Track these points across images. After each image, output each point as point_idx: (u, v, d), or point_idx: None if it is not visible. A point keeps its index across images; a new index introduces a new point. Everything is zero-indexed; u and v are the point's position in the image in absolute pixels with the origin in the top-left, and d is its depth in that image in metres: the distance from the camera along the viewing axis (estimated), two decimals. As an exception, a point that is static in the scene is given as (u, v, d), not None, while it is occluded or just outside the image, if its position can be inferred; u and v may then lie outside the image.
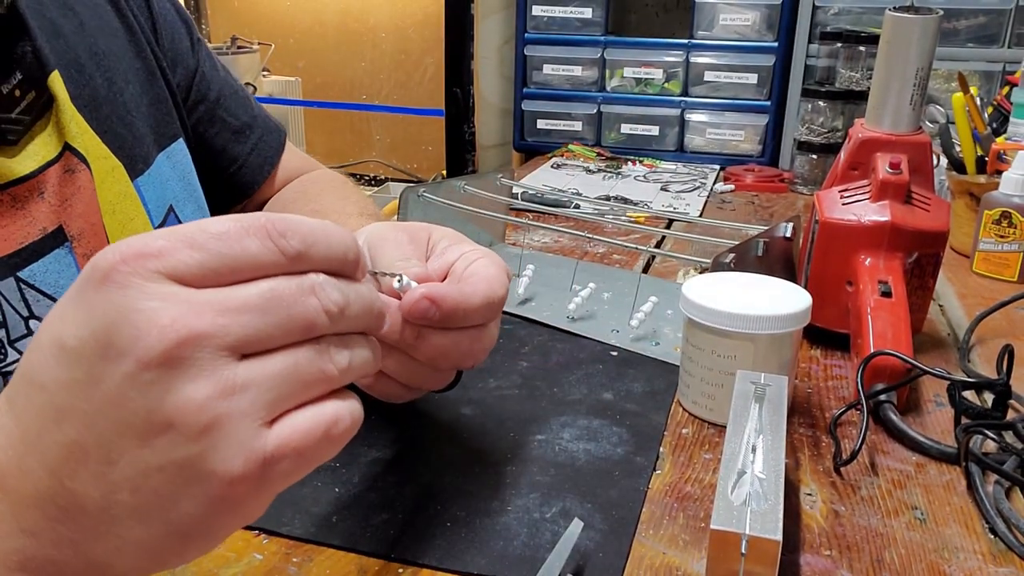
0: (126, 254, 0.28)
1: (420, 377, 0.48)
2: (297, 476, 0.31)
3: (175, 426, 0.27)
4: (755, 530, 0.38)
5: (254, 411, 0.29)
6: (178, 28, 0.71)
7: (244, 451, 0.28)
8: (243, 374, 0.28)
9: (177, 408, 0.27)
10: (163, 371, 0.27)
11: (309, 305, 0.30)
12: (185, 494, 0.28)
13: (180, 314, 0.28)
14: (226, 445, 0.28)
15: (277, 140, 0.80)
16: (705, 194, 1.33)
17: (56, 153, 0.55)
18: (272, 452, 0.29)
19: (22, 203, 0.53)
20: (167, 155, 0.66)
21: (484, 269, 0.47)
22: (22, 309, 0.53)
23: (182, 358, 0.27)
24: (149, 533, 0.29)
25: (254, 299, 0.29)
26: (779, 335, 0.57)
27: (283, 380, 0.29)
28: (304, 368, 0.30)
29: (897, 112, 0.70)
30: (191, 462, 0.28)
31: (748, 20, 1.62)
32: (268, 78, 2.99)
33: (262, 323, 0.29)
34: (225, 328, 0.28)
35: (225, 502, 0.29)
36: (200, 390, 0.27)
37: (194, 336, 0.27)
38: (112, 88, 0.61)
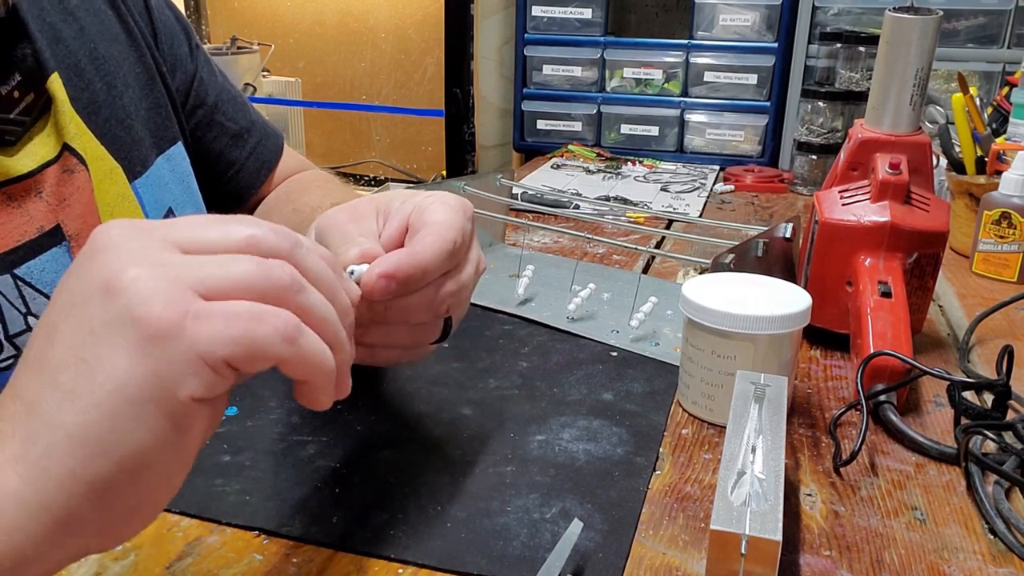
0: (122, 220, 0.33)
1: (407, 337, 0.47)
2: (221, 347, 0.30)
3: (109, 289, 0.30)
4: (755, 530, 0.38)
5: (184, 277, 0.30)
6: (177, 34, 0.72)
7: (166, 299, 0.30)
8: (179, 257, 0.31)
9: (111, 271, 0.30)
10: (100, 249, 0.31)
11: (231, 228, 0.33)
12: (109, 350, 0.29)
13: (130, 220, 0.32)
14: (149, 294, 0.30)
15: (275, 144, 0.80)
16: (705, 194, 1.33)
17: (55, 153, 0.55)
18: (197, 309, 0.30)
19: (19, 202, 0.53)
20: (166, 158, 0.67)
21: (434, 216, 0.45)
22: (20, 306, 0.53)
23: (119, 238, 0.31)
24: (77, 412, 0.29)
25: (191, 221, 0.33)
26: (779, 335, 0.57)
27: (220, 265, 0.31)
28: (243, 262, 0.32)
29: (897, 112, 0.70)
30: (118, 315, 0.29)
31: (748, 20, 1.62)
32: (268, 78, 2.99)
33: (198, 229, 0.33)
34: (164, 227, 0.32)
35: (143, 351, 0.29)
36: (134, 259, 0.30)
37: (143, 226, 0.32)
38: (111, 92, 0.62)
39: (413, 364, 0.50)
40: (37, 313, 0.54)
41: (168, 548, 0.45)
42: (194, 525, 0.47)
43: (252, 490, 0.49)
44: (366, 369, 0.62)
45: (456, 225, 0.45)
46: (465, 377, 0.65)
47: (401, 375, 0.65)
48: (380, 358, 0.47)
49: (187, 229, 0.32)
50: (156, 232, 0.32)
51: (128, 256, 0.30)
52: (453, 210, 0.46)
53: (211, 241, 0.32)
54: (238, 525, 0.47)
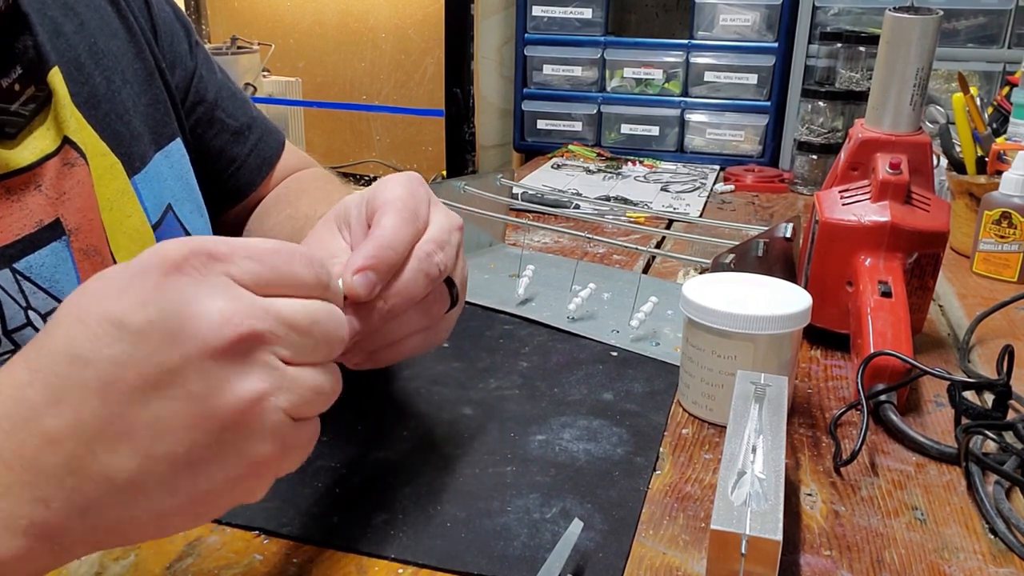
0: (196, 250, 0.32)
1: (421, 318, 0.46)
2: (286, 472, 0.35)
3: (234, 412, 0.31)
4: (755, 530, 0.38)
5: (290, 409, 0.33)
6: (177, 31, 0.72)
7: (277, 437, 0.33)
8: (289, 376, 0.33)
9: (236, 395, 0.31)
10: (225, 361, 0.31)
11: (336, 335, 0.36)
12: (220, 468, 0.32)
13: (247, 315, 0.32)
14: (263, 430, 0.32)
15: (276, 141, 0.80)
16: (705, 194, 1.33)
17: (55, 147, 0.55)
18: (290, 442, 0.34)
19: (18, 195, 0.53)
20: (165, 154, 0.66)
21: (382, 196, 0.44)
22: (20, 300, 0.53)
23: (243, 354, 0.31)
24: (171, 504, 0.31)
25: (301, 317, 0.34)
26: (779, 335, 0.57)
27: (314, 389, 0.34)
28: (327, 384, 0.35)
29: (897, 112, 0.70)
30: (235, 443, 0.31)
31: (748, 20, 1.62)
32: (268, 78, 2.99)
33: (304, 341, 0.34)
34: (279, 338, 0.33)
35: (248, 478, 0.33)
36: (256, 383, 0.32)
37: (256, 335, 0.32)
38: (111, 87, 0.62)
39: (439, 345, 0.49)
40: (36, 307, 0.54)
41: (168, 548, 0.45)
42: (194, 525, 0.46)
43: (252, 490, 0.49)
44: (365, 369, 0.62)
45: (405, 194, 0.45)
46: (465, 377, 0.65)
47: (401, 375, 0.65)
48: (407, 350, 0.47)
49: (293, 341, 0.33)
50: (270, 343, 0.32)
51: (255, 379, 0.32)
52: (399, 183, 0.45)
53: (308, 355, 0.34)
54: (238, 525, 0.47)
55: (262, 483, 0.34)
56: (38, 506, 0.30)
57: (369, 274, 0.41)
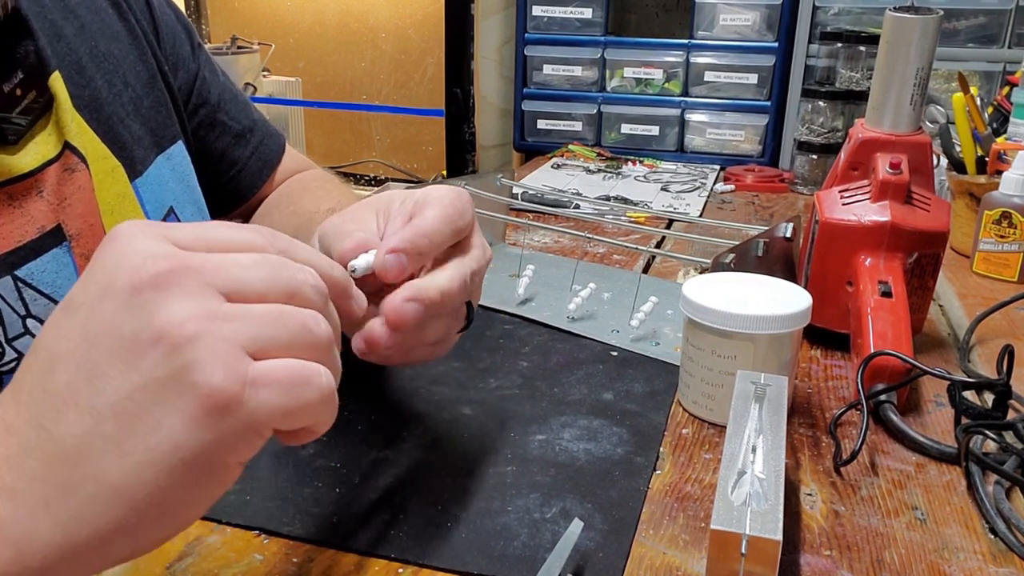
0: (134, 223, 0.32)
1: (442, 328, 0.47)
2: (275, 418, 0.31)
3: (161, 341, 0.29)
4: (755, 530, 0.38)
5: (237, 338, 0.30)
6: (179, 33, 0.72)
7: (225, 367, 0.29)
8: (228, 307, 0.30)
9: (165, 322, 0.29)
10: (153, 292, 0.29)
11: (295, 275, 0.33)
12: (165, 411, 0.29)
13: (174, 252, 0.30)
14: (209, 359, 0.29)
15: (277, 144, 0.80)
16: (705, 194, 1.33)
17: (56, 152, 0.55)
18: (253, 376, 0.30)
19: (20, 201, 0.53)
20: (166, 157, 0.66)
21: (433, 194, 0.45)
22: (19, 308, 0.53)
23: (172, 282, 0.30)
24: (124, 469, 0.29)
25: (243, 258, 0.32)
26: (779, 335, 0.57)
27: (266, 321, 0.31)
28: (287, 316, 0.32)
29: (897, 112, 0.70)
30: (174, 375, 0.29)
31: (748, 20, 1.62)
32: (268, 78, 2.98)
33: (248, 274, 0.32)
34: (214, 269, 0.31)
35: (202, 422, 0.29)
36: (187, 308, 0.29)
37: (184, 266, 0.30)
38: (112, 90, 0.61)
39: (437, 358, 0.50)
40: (37, 315, 0.54)
41: (168, 548, 0.45)
42: (194, 525, 0.46)
43: (252, 490, 0.49)
44: (366, 369, 0.62)
45: (454, 198, 0.45)
46: (465, 377, 0.65)
47: (401, 375, 0.65)
48: (416, 357, 0.48)
49: (232, 273, 0.31)
50: (199, 274, 0.30)
51: (183, 305, 0.29)
52: (450, 190, 0.46)
53: (258, 291, 0.32)
54: (238, 525, 0.47)
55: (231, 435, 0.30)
56: (5, 501, 0.29)
57: (402, 256, 0.42)
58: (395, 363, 0.48)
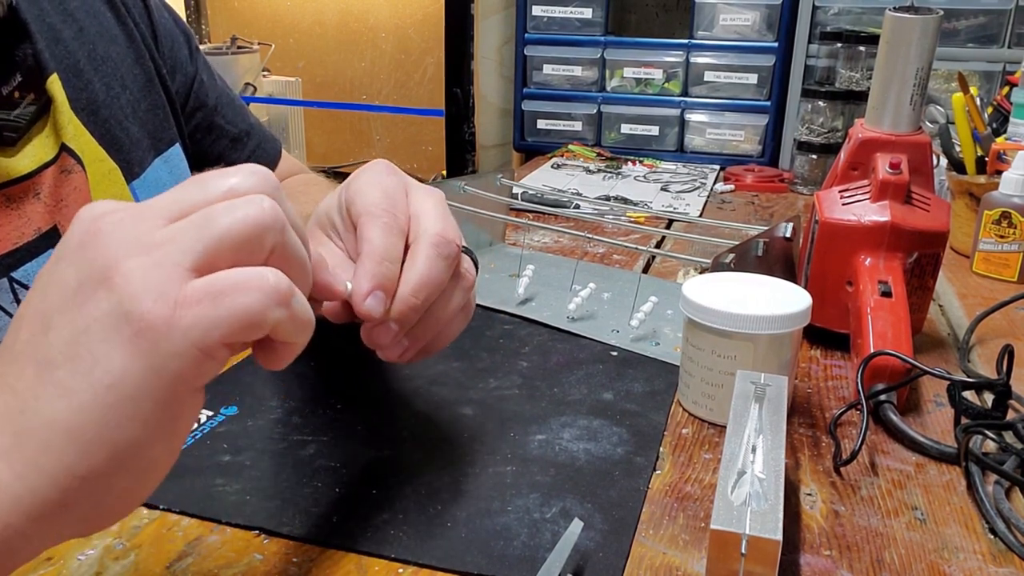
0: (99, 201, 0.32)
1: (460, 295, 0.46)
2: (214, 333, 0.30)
3: (101, 283, 0.29)
4: (755, 530, 0.38)
5: (170, 260, 0.30)
6: (177, 37, 0.72)
7: (155, 292, 0.29)
8: (163, 231, 0.31)
9: (102, 265, 0.30)
10: (93, 240, 0.30)
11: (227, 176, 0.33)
12: (104, 347, 0.29)
13: (118, 205, 0.31)
14: (140, 288, 0.29)
15: (273, 149, 0.80)
16: (705, 194, 1.33)
17: (53, 155, 0.55)
18: (186, 295, 0.30)
19: (17, 203, 0.53)
20: (164, 160, 0.67)
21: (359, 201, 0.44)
22: (13, 310, 0.53)
23: (109, 227, 0.30)
24: (72, 408, 0.29)
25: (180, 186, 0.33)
26: (779, 335, 0.57)
27: (196, 229, 0.31)
28: (217, 213, 0.31)
29: (897, 112, 0.70)
30: (110, 312, 0.29)
31: (748, 20, 1.62)
32: (268, 78, 2.99)
33: (182, 193, 0.32)
34: (150, 204, 0.32)
35: (136, 348, 0.29)
36: (121, 246, 0.30)
37: (123, 209, 0.31)
38: (110, 93, 0.62)
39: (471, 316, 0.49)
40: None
41: (168, 548, 0.45)
42: (194, 525, 0.47)
43: (252, 490, 0.49)
44: (366, 368, 0.62)
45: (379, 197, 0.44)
46: (465, 377, 0.65)
47: (401, 375, 0.65)
48: (454, 330, 0.47)
49: (171, 196, 0.32)
50: (145, 211, 0.31)
51: (119, 244, 0.30)
52: (372, 185, 0.45)
53: (195, 202, 0.32)
54: (238, 525, 0.47)
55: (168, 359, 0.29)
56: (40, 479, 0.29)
57: (378, 294, 0.42)
58: (441, 346, 0.47)
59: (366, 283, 0.41)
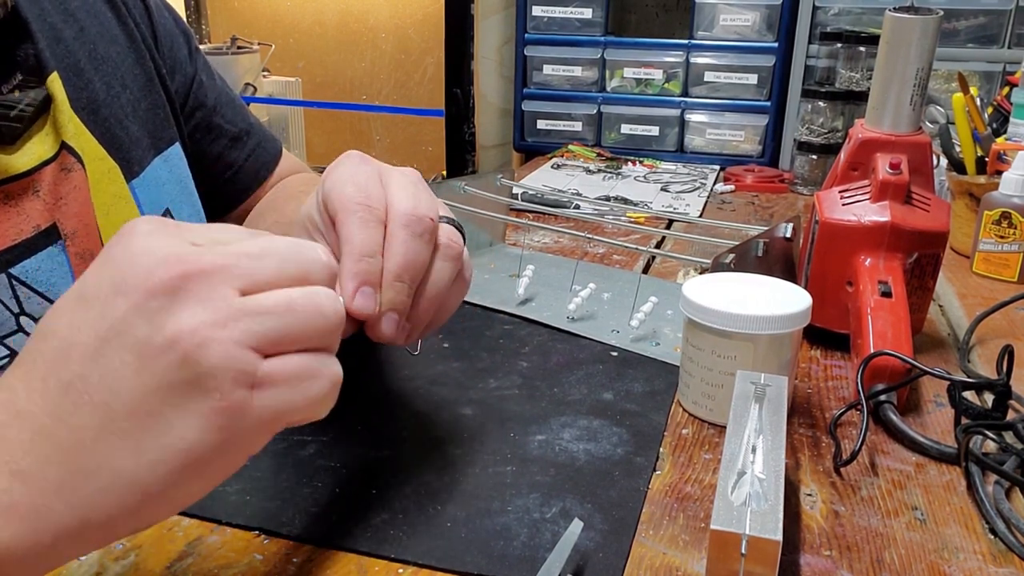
0: (150, 218, 0.33)
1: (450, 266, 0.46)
2: (285, 416, 0.33)
3: (173, 347, 0.30)
4: (755, 530, 0.38)
5: (246, 339, 0.31)
6: (176, 37, 0.72)
7: (235, 372, 0.31)
8: (239, 305, 0.31)
9: (176, 330, 0.30)
10: (166, 299, 0.30)
11: (304, 253, 0.34)
12: (178, 414, 0.30)
13: (187, 253, 0.31)
14: (219, 365, 0.30)
15: (274, 148, 0.80)
16: (705, 194, 1.33)
17: (53, 153, 0.55)
18: (262, 377, 0.31)
19: (16, 200, 0.53)
20: (163, 159, 0.67)
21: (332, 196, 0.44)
22: (13, 306, 0.53)
23: (185, 288, 0.30)
24: (140, 464, 0.30)
25: (254, 247, 0.33)
26: (779, 335, 0.57)
27: (276, 315, 0.32)
28: (299, 306, 0.33)
29: (897, 112, 0.70)
30: (186, 381, 0.30)
31: (748, 20, 1.62)
32: (268, 78, 2.98)
33: (259, 265, 0.33)
34: (226, 267, 0.31)
35: (214, 424, 0.31)
36: (198, 315, 0.30)
37: (197, 270, 0.31)
38: (110, 92, 0.62)
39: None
40: (31, 313, 0.54)
41: (168, 548, 0.45)
42: (194, 525, 0.47)
43: (252, 490, 0.49)
44: (366, 368, 0.62)
45: (353, 190, 0.44)
46: (465, 377, 0.65)
47: (401, 375, 0.65)
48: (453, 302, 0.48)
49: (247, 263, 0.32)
50: (220, 273, 0.31)
51: (194, 311, 0.30)
52: (345, 181, 0.45)
53: (269, 279, 0.33)
54: (238, 525, 0.47)
55: (240, 438, 0.32)
56: (18, 483, 0.30)
57: (365, 290, 0.42)
58: (444, 320, 0.48)
59: (350, 283, 0.42)
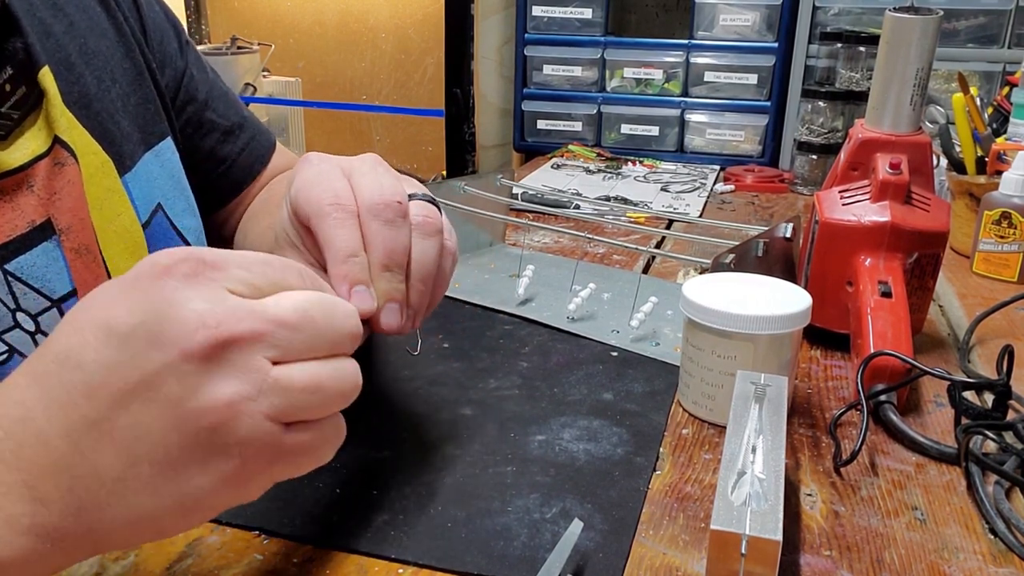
0: (188, 256, 0.32)
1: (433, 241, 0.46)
2: (291, 475, 0.35)
3: (206, 415, 0.31)
4: (755, 530, 0.38)
5: (275, 414, 0.32)
6: (167, 30, 0.72)
7: (260, 443, 0.32)
8: (272, 380, 0.32)
9: (212, 400, 0.31)
10: (203, 364, 0.31)
11: (335, 326, 0.35)
12: (201, 472, 0.32)
13: (226, 317, 0.31)
14: (248, 437, 0.32)
15: (268, 141, 0.80)
16: (705, 194, 1.33)
17: (46, 147, 0.55)
18: (286, 450, 0.33)
19: (10, 196, 0.53)
20: (155, 154, 0.66)
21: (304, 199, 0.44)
22: (9, 302, 0.53)
23: (221, 357, 0.31)
24: (158, 504, 0.32)
25: (292, 315, 0.33)
26: (779, 335, 0.57)
27: (306, 394, 0.33)
28: (328, 388, 0.34)
29: (897, 112, 0.70)
30: (213, 445, 0.31)
31: (748, 20, 1.62)
32: (268, 78, 2.98)
33: (295, 337, 0.33)
34: (263, 336, 0.32)
35: (234, 483, 0.33)
36: (233, 387, 0.31)
37: (235, 338, 0.31)
38: (101, 86, 0.62)
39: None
40: (27, 308, 0.54)
41: (168, 548, 0.45)
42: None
43: (252, 490, 0.49)
44: (365, 369, 0.62)
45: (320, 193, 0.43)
46: (465, 377, 0.65)
47: (401, 375, 0.65)
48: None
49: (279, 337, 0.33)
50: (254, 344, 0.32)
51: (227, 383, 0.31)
52: (311, 185, 0.44)
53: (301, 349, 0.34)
54: (238, 525, 0.47)
55: (252, 488, 0.34)
56: (37, 505, 0.31)
57: (358, 289, 0.42)
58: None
59: (342, 286, 0.42)
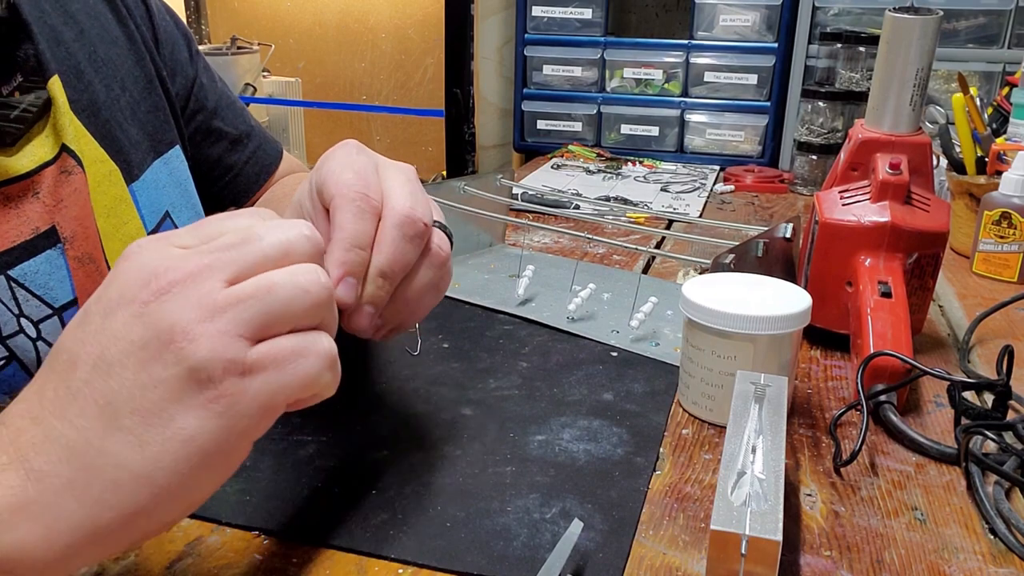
0: (145, 240, 0.35)
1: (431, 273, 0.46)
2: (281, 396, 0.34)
3: (167, 346, 0.32)
4: (755, 530, 0.38)
5: (233, 328, 0.33)
6: (177, 40, 0.72)
7: (223, 361, 0.32)
8: (223, 297, 0.33)
9: (168, 329, 0.32)
10: (157, 303, 0.32)
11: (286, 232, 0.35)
12: (181, 409, 0.32)
13: (174, 260, 0.33)
14: (209, 357, 0.32)
15: (274, 150, 0.80)
16: (705, 195, 1.33)
17: (53, 155, 0.55)
18: (252, 363, 0.33)
19: (16, 202, 0.53)
20: (163, 162, 0.67)
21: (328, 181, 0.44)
22: (13, 307, 0.53)
23: (176, 294, 0.32)
24: (145, 457, 0.32)
25: (235, 237, 0.35)
26: (779, 336, 0.57)
27: (258, 299, 0.33)
28: (279, 286, 0.34)
29: (897, 112, 0.70)
30: (181, 376, 0.32)
31: (748, 21, 1.62)
32: (268, 79, 2.98)
33: (240, 254, 0.34)
34: (210, 264, 0.33)
35: (211, 412, 0.32)
36: (187, 313, 0.32)
37: (184, 274, 0.33)
38: (110, 94, 0.62)
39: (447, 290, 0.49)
40: (29, 315, 0.54)
41: (168, 548, 0.45)
42: (194, 525, 0.47)
43: (252, 490, 0.49)
44: (366, 369, 0.62)
45: (351, 178, 0.43)
46: (465, 377, 0.65)
47: (401, 375, 0.65)
48: (425, 308, 0.48)
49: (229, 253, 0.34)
50: (205, 271, 0.33)
51: (183, 308, 0.32)
52: (343, 167, 0.44)
53: (253, 263, 0.34)
54: (238, 525, 0.47)
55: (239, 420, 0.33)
56: (33, 483, 0.31)
57: (348, 280, 0.42)
58: (414, 322, 0.48)
59: (335, 271, 0.42)
